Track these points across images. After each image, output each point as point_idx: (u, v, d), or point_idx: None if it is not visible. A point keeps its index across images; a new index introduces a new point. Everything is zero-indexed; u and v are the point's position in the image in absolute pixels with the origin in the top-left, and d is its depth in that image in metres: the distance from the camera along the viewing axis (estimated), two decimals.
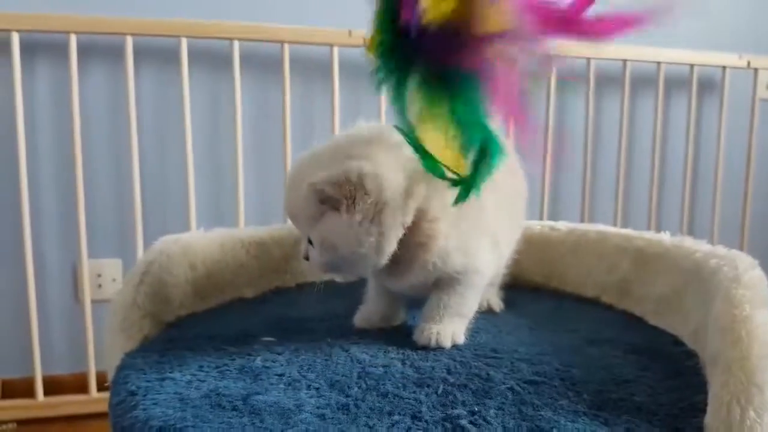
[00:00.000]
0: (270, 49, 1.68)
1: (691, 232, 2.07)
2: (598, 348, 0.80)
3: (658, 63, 1.91)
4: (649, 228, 1.96)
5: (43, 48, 1.60)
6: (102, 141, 1.66)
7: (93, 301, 1.63)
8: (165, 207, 1.71)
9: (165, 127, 1.68)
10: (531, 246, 1.05)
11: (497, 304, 0.96)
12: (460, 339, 0.80)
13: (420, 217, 0.75)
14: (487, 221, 0.81)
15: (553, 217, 1.93)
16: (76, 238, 1.59)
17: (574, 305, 0.99)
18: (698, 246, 0.83)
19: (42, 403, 1.61)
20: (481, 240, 0.80)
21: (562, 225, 1.06)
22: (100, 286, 1.69)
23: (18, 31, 1.49)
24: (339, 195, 0.71)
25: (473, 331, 0.85)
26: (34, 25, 1.50)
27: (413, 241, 0.75)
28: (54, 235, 1.66)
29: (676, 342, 0.81)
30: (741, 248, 2.01)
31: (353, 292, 0.92)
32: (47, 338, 1.67)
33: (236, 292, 1.00)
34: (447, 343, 0.78)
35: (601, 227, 1.01)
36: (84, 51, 1.59)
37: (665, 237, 0.90)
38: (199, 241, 0.95)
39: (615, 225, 1.92)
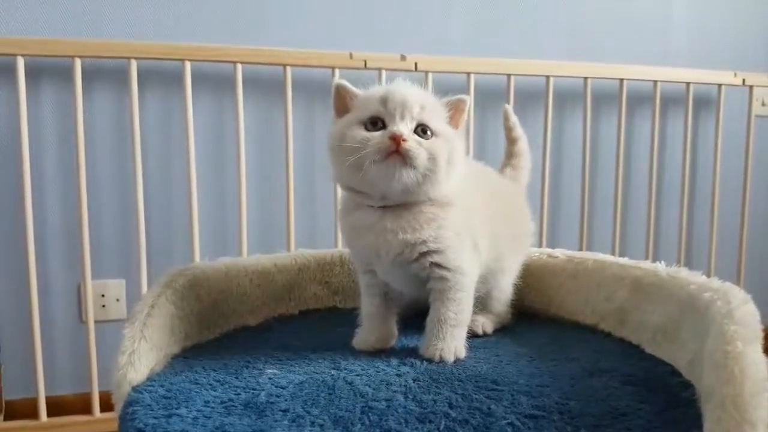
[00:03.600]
0: (272, 72, 1.70)
1: (689, 248, 2.10)
2: (597, 378, 0.81)
3: (655, 81, 1.94)
4: (647, 245, 1.98)
5: (49, 72, 1.62)
6: (106, 163, 1.68)
7: (97, 322, 1.64)
8: (169, 227, 1.73)
9: (169, 149, 1.70)
10: (529, 273, 1.07)
11: (480, 326, 0.98)
12: (462, 353, 0.88)
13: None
14: (470, 225, 0.88)
15: (552, 237, 1.95)
16: (79, 259, 1.61)
17: (573, 333, 1.00)
18: (693, 278, 0.85)
19: (46, 424, 1.62)
20: (464, 241, 0.87)
21: (560, 252, 1.08)
22: (103, 306, 1.70)
23: (23, 55, 1.51)
24: (458, 116, 0.87)
25: (474, 360, 0.87)
26: (39, 49, 1.52)
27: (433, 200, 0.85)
28: (58, 256, 1.68)
29: (673, 372, 0.83)
30: (739, 263, 2.04)
31: (354, 320, 0.95)
32: (51, 359, 1.68)
33: (240, 320, 1.02)
34: (450, 358, 0.86)
35: (599, 256, 1.03)
36: (89, 74, 1.61)
37: (661, 267, 0.92)
38: (205, 271, 0.97)
39: (613, 241, 1.94)
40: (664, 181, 2.08)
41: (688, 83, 1.96)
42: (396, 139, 0.78)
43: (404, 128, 0.79)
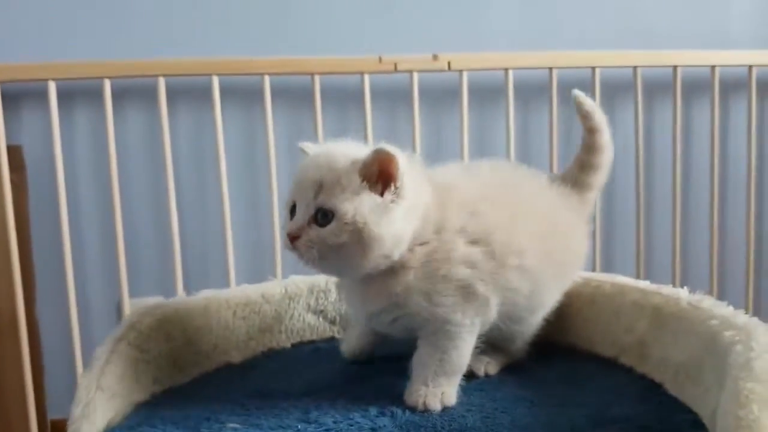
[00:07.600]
0: (301, 81, 1.64)
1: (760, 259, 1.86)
2: (603, 431, 0.69)
3: (713, 67, 1.72)
4: (710, 257, 1.76)
5: (80, 94, 1.62)
6: (141, 182, 1.67)
7: None
8: (204, 243, 1.70)
9: (202, 166, 1.68)
10: None
11: (483, 368, 0.85)
12: (451, 400, 0.77)
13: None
14: (456, 268, 0.75)
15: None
16: (117, 278, 1.59)
17: (590, 368, 0.87)
18: (717, 309, 0.72)
19: None
20: (448, 286, 0.74)
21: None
22: None
23: (54, 79, 1.51)
24: (384, 175, 0.71)
25: (465, 408, 0.76)
26: (69, 73, 1.52)
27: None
28: (97, 275, 1.68)
29: (696, 424, 0.69)
30: None
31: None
32: None
33: (223, 357, 0.94)
34: (436, 407, 0.76)
35: (618, 279, 0.90)
36: (119, 95, 1.60)
37: (683, 294, 0.78)
38: (178, 309, 0.90)
39: (673, 250, 1.74)
40: (728, 180, 1.85)
41: (750, 66, 1.72)
42: (289, 237, 0.73)
43: (296, 223, 0.73)
